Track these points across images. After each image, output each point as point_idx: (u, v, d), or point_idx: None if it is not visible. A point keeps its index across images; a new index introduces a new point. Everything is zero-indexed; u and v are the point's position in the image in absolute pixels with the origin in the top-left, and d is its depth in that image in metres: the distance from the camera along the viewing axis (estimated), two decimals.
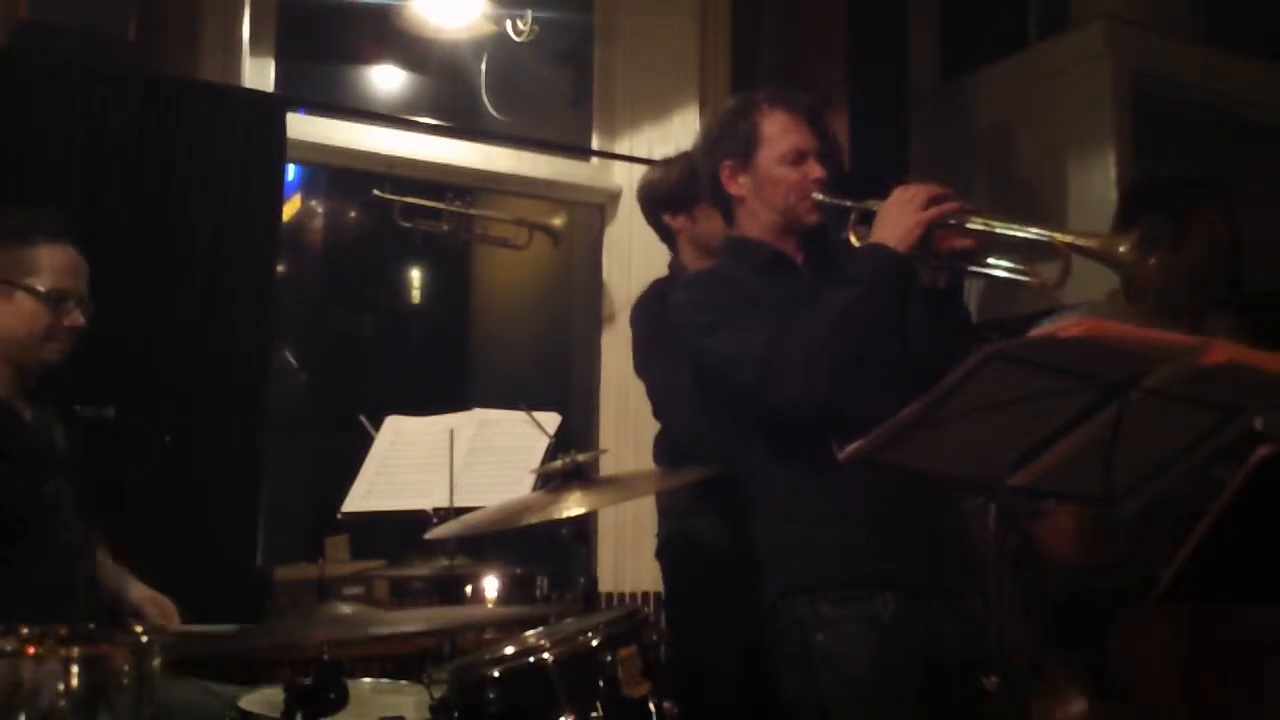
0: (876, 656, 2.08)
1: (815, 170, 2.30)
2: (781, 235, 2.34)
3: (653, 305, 2.91)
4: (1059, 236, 2.05)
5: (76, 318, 2.46)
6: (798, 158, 2.29)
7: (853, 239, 2.28)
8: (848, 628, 2.10)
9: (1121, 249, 1.98)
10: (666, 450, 2.94)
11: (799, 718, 2.14)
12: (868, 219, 2.22)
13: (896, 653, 2.09)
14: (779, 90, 2.41)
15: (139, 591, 2.56)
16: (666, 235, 3.10)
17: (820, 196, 2.28)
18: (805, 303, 2.18)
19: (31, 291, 2.40)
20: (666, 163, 3.15)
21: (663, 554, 3.00)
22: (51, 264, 2.43)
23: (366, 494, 3.16)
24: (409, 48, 4.77)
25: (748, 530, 2.28)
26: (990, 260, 2.16)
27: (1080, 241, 2.03)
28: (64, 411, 2.59)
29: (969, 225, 2.13)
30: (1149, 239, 1.99)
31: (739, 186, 2.34)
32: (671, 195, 3.01)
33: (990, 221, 2.12)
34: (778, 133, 2.31)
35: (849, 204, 2.28)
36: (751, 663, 2.34)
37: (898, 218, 2.13)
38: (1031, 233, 2.08)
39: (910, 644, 2.10)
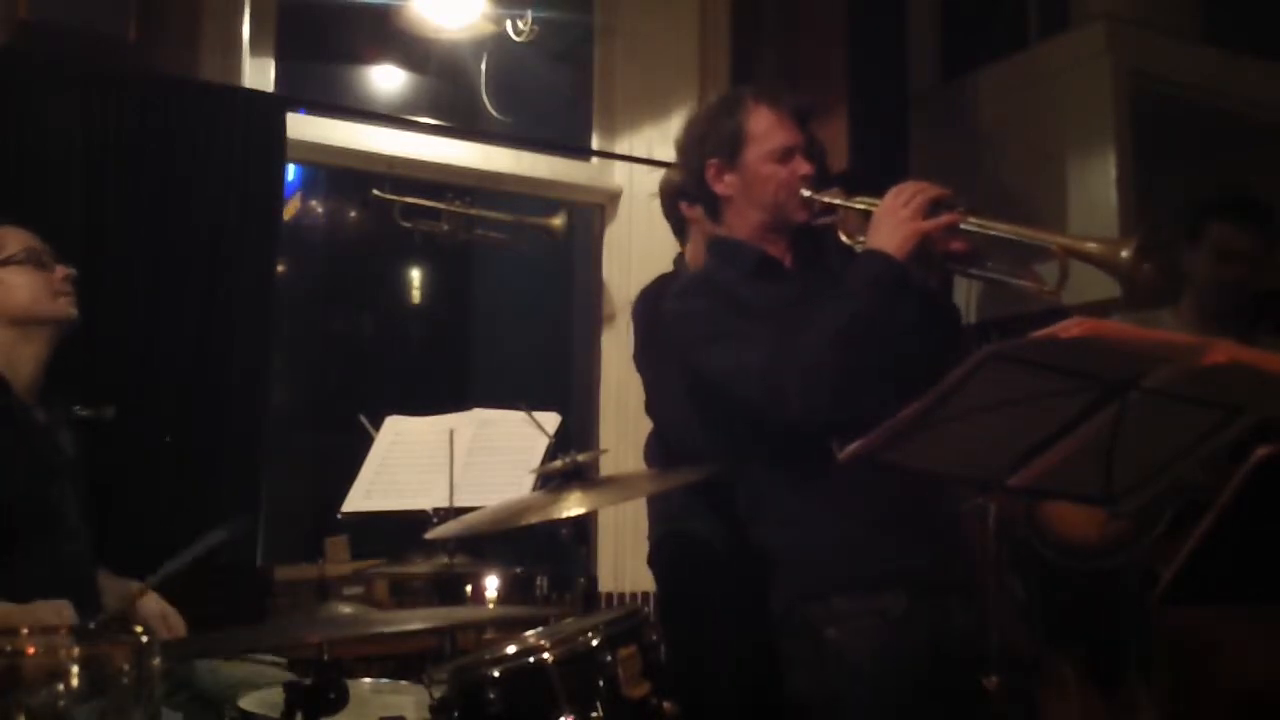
0: (886, 651, 2.07)
1: (803, 166, 2.27)
2: (769, 235, 2.31)
3: (655, 300, 2.90)
4: (1057, 240, 2.03)
5: (65, 268, 2.50)
6: (785, 154, 2.26)
7: (842, 237, 2.25)
8: (858, 622, 2.09)
9: (1122, 254, 1.94)
10: (659, 451, 2.92)
11: (808, 712, 2.13)
12: (856, 216, 2.20)
13: (905, 648, 2.07)
14: (763, 86, 2.37)
15: (149, 605, 2.56)
16: (680, 226, 3.09)
17: (809, 193, 2.26)
18: (796, 306, 2.16)
19: (10, 262, 2.44)
20: None
21: (655, 559, 2.95)
22: (14, 237, 2.50)
23: (366, 494, 3.15)
24: (409, 48, 4.77)
25: (753, 536, 2.27)
26: (986, 263, 2.13)
27: (1078, 246, 2.01)
28: (70, 415, 2.60)
29: (965, 227, 2.10)
30: (1148, 246, 1.97)
31: (725, 185, 2.31)
32: None
33: (987, 224, 2.09)
34: (764, 130, 2.27)
35: (838, 201, 2.25)
36: (751, 666, 2.32)
37: (895, 225, 2.10)
38: (1029, 236, 2.05)
39: (919, 639, 2.08)
